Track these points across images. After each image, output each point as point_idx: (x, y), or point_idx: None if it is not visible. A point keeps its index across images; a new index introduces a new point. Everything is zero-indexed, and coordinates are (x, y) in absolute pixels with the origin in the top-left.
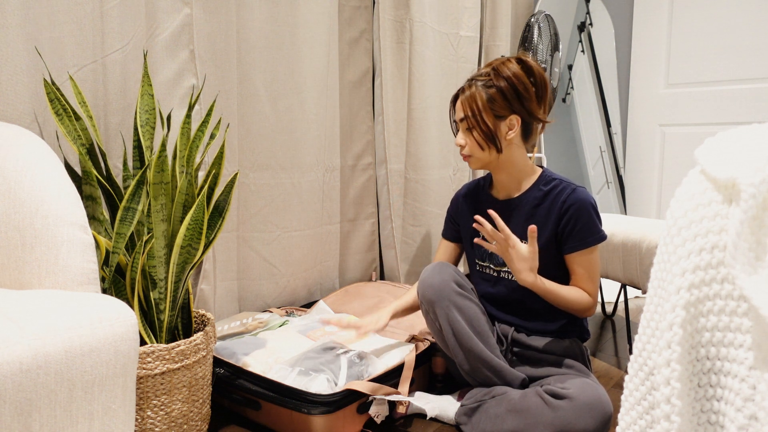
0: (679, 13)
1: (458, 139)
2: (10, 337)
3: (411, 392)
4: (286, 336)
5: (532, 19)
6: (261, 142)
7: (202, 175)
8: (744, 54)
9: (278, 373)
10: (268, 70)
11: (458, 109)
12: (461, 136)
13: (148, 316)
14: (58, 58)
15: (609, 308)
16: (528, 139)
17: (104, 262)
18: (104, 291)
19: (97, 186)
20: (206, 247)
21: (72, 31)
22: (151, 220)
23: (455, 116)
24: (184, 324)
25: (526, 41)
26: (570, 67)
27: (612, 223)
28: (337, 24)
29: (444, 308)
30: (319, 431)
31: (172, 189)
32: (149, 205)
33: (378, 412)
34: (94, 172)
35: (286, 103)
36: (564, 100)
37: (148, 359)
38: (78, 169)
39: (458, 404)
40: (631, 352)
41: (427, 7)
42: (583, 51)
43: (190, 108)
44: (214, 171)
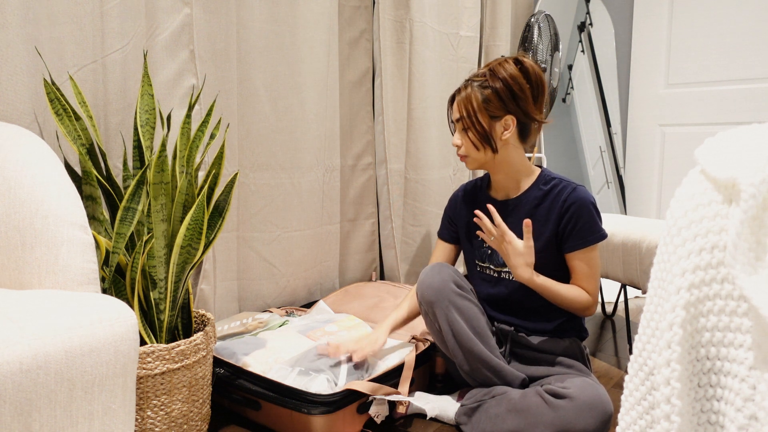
0: (679, 13)
1: (455, 140)
2: (10, 337)
3: (411, 392)
4: (286, 336)
5: (532, 19)
6: (261, 142)
7: (202, 175)
8: (744, 54)
9: (278, 373)
10: (268, 70)
11: (455, 110)
12: (457, 136)
13: (148, 316)
14: (58, 58)
15: (609, 308)
16: (525, 139)
17: (104, 262)
18: (104, 291)
19: (97, 186)
20: (206, 247)
21: (72, 31)
22: (151, 220)
23: (452, 116)
24: (184, 324)
25: (526, 41)
26: (570, 67)
27: (612, 223)
28: (337, 24)
29: (443, 309)
30: (319, 431)
31: (172, 189)
32: (149, 205)
33: (378, 412)
34: (94, 172)
35: (286, 103)
36: (564, 100)
37: (148, 359)
38: (78, 169)
39: (458, 404)
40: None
41: (427, 7)
42: (583, 51)
43: (190, 108)
44: (214, 171)
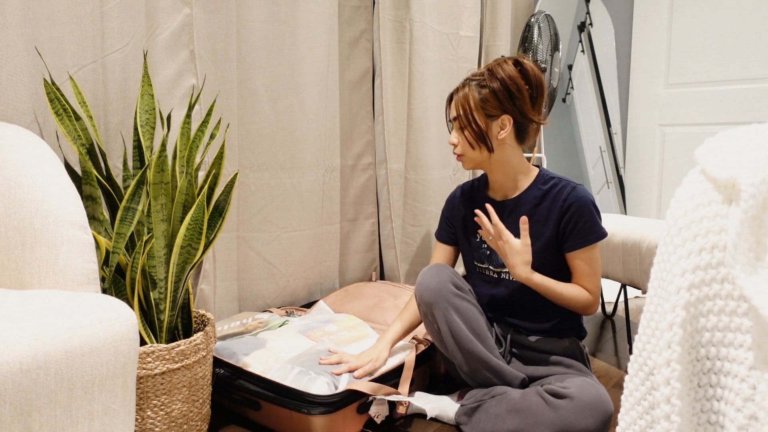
0: (679, 13)
1: (451, 138)
2: (10, 337)
3: (411, 392)
4: (286, 336)
5: (532, 19)
6: (261, 142)
7: (202, 175)
8: (744, 54)
9: (278, 373)
10: (268, 70)
11: (452, 109)
12: (454, 135)
13: (148, 316)
14: (58, 58)
15: (609, 308)
16: (523, 139)
17: (104, 262)
18: (104, 291)
19: (97, 186)
20: (206, 247)
21: (72, 31)
22: (151, 220)
23: (450, 115)
24: (184, 324)
25: (526, 41)
26: (570, 67)
27: (612, 223)
28: (337, 24)
29: (442, 310)
30: (319, 431)
31: (172, 189)
32: (149, 205)
33: (378, 412)
34: (94, 172)
35: (286, 103)
36: (564, 100)
37: (148, 359)
38: (78, 169)
39: (458, 404)
40: (631, 352)
41: (427, 7)
42: (583, 51)
43: (190, 108)
44: (214, 171)
